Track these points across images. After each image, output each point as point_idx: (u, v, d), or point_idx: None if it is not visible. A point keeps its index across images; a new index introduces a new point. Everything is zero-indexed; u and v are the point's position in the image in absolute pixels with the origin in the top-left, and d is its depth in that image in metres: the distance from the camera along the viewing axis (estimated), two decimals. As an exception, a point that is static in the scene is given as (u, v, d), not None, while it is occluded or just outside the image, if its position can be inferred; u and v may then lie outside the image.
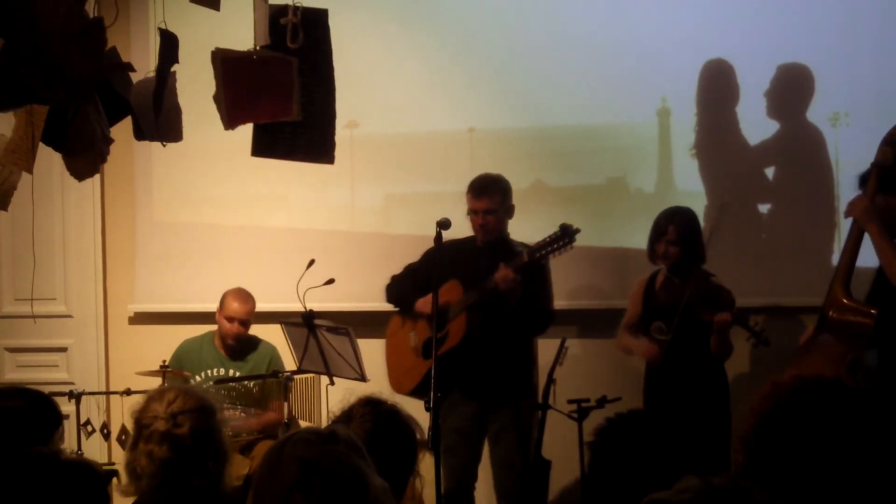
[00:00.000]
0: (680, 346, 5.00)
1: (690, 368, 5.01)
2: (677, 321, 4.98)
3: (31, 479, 2.38)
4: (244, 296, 5.82)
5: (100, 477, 2.49)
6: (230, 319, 5.78)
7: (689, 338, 5.00)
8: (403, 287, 5.40)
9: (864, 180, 4.63)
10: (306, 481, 2.06)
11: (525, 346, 5.33)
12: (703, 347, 5.00)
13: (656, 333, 5.11)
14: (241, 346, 5.86)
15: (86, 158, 4.07)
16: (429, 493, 4.22)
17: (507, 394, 5.21)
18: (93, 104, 3.94)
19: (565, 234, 4.95)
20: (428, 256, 5.30)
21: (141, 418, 2.88)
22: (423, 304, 5.18)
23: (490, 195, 5.21)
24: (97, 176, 4.50)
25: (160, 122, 4.15)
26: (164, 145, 4.33)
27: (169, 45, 4.01)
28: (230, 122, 4.10)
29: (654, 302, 5.15)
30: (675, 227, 5.01)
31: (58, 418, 3.39)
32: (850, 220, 4.59)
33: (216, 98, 4.08)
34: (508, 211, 5.27)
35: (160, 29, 4.00)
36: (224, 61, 4.05)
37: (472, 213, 5.24)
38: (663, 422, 2.31)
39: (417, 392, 5.13)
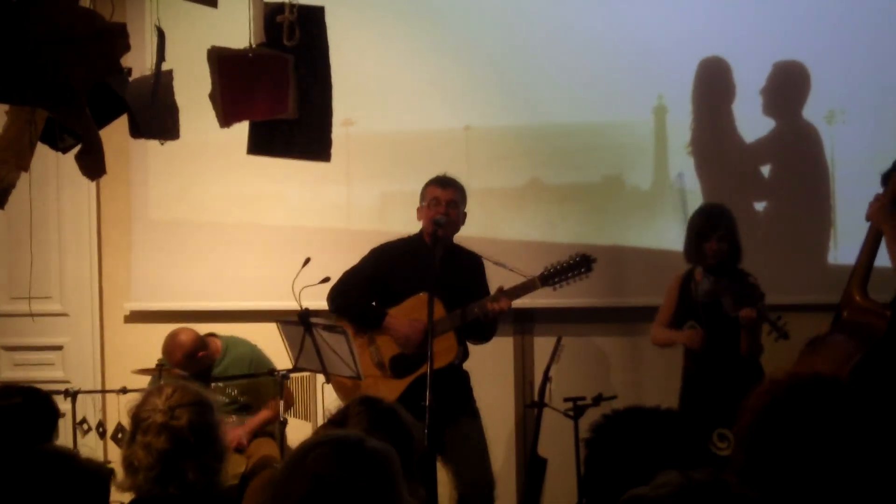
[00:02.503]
0: (716, 346, 4.86)
1: (727, 368, 4.83)
2: (703, 316, 4.87)
3: (37, 479, 2.38)
4: (171, 347, 5.57)
5: (104, 479, 2.49)
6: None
7: (724, 336, 4.85)
8: (359, 299, 5.17)
9: (886, 178, 4.59)
10: (315, 499, 2.08)
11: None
12: (738, 346, 4.86)
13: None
14: (205, 372, 5.66)
15: (93, 158, 4.07)
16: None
17: (455, 410, 5.05)
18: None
19: (584, 263, 4.93)
20: (379, 261, 5.18)
21: (139, 413, 2.89)
22: (398, 321, 5.06)
23: (455, 189, 5.13)
24: (94, 174, 4.50)
25: (157, 119, 4.15)
26: (161, 143, 4.33)
27: (158, 42, 4.01)
28: (226, 119, 4.10)
29: (691, 301, 4.99)
30: (726, 224, 4.91)
31: (55, 416, 3.40)
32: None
33: (212, 96, 4.08)
34: (463, 216, 5.16)
35: (157, 27, 3.99)
36: (220, 59, 4.06)
37: (434, 201, 5.06)
38: (661, 421, 2.30)
39: None
